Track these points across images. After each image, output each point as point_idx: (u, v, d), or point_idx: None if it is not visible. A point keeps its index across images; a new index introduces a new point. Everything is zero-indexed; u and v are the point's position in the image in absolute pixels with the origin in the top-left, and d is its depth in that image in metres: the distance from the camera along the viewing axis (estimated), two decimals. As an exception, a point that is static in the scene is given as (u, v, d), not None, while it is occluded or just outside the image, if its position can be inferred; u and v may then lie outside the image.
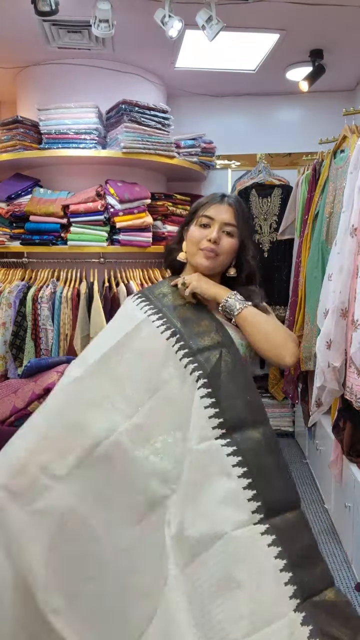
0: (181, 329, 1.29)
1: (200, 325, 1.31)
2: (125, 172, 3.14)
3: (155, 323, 1.31)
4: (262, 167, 3.73)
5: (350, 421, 2.32)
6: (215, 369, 1.23)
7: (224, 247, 1.36)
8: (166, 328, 1.29)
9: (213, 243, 1.34)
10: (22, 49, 3.05)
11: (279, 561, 1.06)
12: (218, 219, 1.35)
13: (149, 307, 1.36)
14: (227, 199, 1.39)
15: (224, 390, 1.20)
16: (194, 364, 1.23)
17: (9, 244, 3.05)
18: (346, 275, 2.08)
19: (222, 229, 1.35)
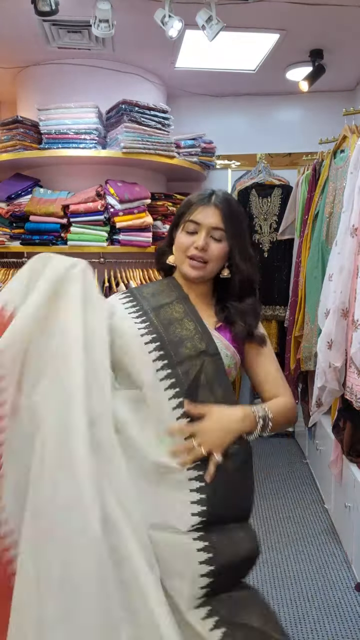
0: (163, 335, 1.21)
1: (184, 328, 1.24)
2: (125, 172, 3.14)
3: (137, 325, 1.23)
4: (262, 167, 3.73)
5: (350, 421, 2.32)
6: (193, 383, 1.17)
7: (212, 254, 1.26)
8: (147, 332, 1.21)
9: (201, 250, 1.25)
10: (22, 49, 3.05)
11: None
12: (205, 224, 1.26)
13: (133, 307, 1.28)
14: (215, 198, 1.27)
15: (199, 402, 1.15)
16: (171, 379, 1.16)
17: (9, 244, 3.05)
18: (347, 275, 2.09)
19: (210, 234, 1.26)
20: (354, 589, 2.17)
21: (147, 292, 1.33)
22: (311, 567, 2.32)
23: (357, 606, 2.07)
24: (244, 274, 1.30)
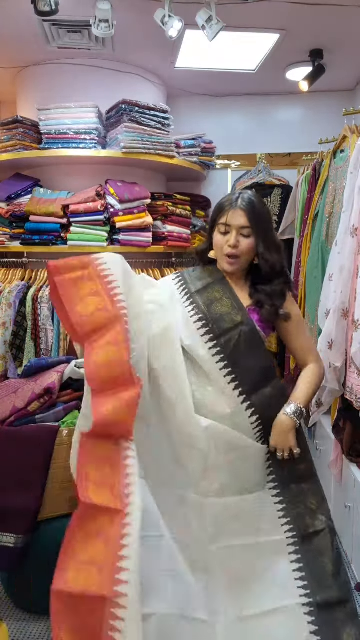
0: (207, 314, 1.54)
1: (224, 306, 1.56)
2: (125, 172, 3.14)
3: (186, 306, 1.58)
4: (262, 167, 3.73)
5: (350, 421, 2.32)
6: (235, 349, 1.51)
7: (242, 249, 1.56)
8: (195, 313, 1.55)
9: (233, 248, 1.55)
10: (22, 49, 3.05)
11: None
12: (234, 225, 1.55)
13: (184, 290, 1.63)
14: (241, 202, 1.55)
15: (242, 365, 1.50)
16: (216, 348, 1.51)
17: (9, 244, 3.05)
18: (347, 275, 2.09)
19: (239, 232, 1.55)
20: (354, 589, 2.16)
21: (195, 275, 1.67)
22: (311, 567, 2.32)
23: (358, 606, 2.07)
24: (269, 262, 1.58)
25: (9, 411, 2.06)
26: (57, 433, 1.99)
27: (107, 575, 1.04)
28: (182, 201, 3.34)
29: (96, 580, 1.05)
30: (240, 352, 1.51)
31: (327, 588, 1.40)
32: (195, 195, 3.67)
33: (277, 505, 1.51)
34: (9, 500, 1.91)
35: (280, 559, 1.44)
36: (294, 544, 1.46)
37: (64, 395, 2.16)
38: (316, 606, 1.36)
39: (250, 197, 1.57)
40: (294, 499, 1.51)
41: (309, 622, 1.34)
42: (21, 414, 2.05)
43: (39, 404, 2.07)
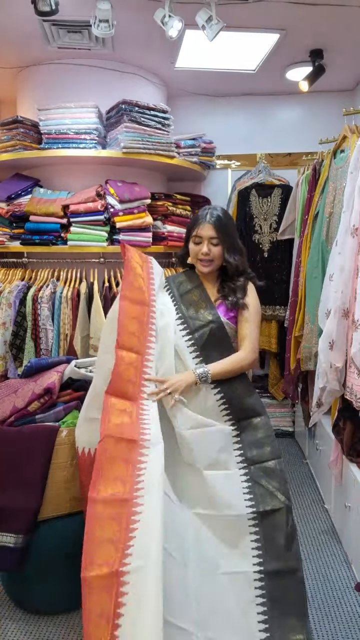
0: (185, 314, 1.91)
1: (199, 308, 1.92)
2: (125, 172, 3.14)
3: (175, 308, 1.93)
4: (262, 167, 3.73)
5: (350, 421, 2.32)
6: (205, 342, 1.86)
7: (214, 254, 1.91)
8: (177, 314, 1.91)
9: (205, 255, 1.91)
10: (22, 49, 3.05)
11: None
12: (205, 236, 1.89)
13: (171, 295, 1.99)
14: (209, 218, 1.90)
15: (207, 354, 1.85)
16: (190, 341, 1.86)
17: (9, 244, 3.05)
18: (347, 275, 2.09)
19: (210, 242, 1.90)
20: (354, 589, 2.17)
21: (178, 281, 2.03)
22: (311, 567, 2.32)
23: (357, 606, 2.07)
24: (234, 264, 1.93)
25: (9, 411, 2.06)
26: (57, 433, 1.99)
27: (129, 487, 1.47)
28: (182, 201, 3.34)
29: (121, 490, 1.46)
30: (209, 343, 1.86)
31: (279, 559, 1.65)
32: (195, 195, 3.67)
33: (243, 484, 1.73)
34: (9, 500, 1.91)
35: (242, 532, 1.68)
36: (254, 519, 1.69)
37: (64, 395, 2.16)
38: (266, 574, 1.63)
39: (217, 213, 1.92)
40: (259, 479, 1.74)
41: (257, 588, 1.62)
42: (21, 414, 2.05)
43: (39, 404, 2.07)
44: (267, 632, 1.56)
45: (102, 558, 1.40)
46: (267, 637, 1.55)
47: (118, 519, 1.42)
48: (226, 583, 1.62)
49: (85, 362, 2.28)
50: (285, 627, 1.57)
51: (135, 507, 1.44)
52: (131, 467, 1.50)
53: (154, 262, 1.97)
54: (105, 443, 1.52)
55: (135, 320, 1.75)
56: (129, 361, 1.68)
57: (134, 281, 1.83)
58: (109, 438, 1.53)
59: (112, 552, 1.40)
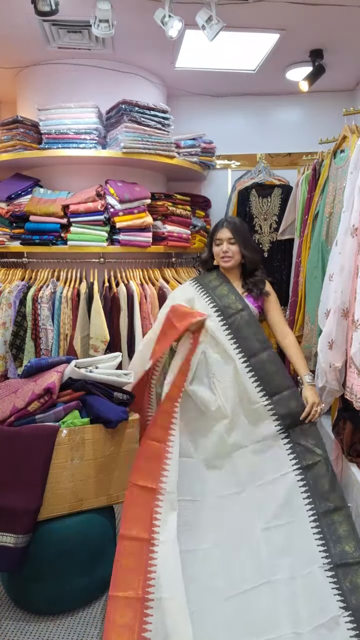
0: (219, 303, 2.27)
1: (230, 298, 2.28)
2: (125, 172, 3.14)
3: (205, 300, 2.30)
4: (262, 167, 3.73)
5: (350, 421, 2.32)
6: (238, 326, 2.20)
7: (232, 252, 2.32)
8: (212, 304, 2.28)
9: (225, 253, 2.31)
10: (22, 49, 3.05)
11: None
12: (224, 238, 2.31)
13: (203, 291, 2.34)
14: (226, 224, 2.33)
15: (242, 336, 2.18)
16: (225, 325, 2.21)
17: (9, 244, 3.05)
18: (347, 275, 2.09)
19: (228, 242, 2.31)
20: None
21: (207, 280, 2.39)
22: (311, 567, 2.32)
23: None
24: (249, 259, 2.35)
25: (9, 411, 2.06)
26: (57, 433, 1.99)
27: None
28: (182, 201, 3.34)
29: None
30: (242, 327, 2.20)
31: (326, 500, 1.96)
32: (195, 195, 3.67)
33: (285, 446, 2.07)
34: (9, 500, 1.91)
35: (291, 486, 1.99)
36: (300, 474, 2.01)
37: (64, 395, 2.16)
38: (320, 514, 1.93)
39: (233, 220, 2.39)
40: (297, 439, 2.07)
41: (313, 527, 1.90)
42: (21, 414, 2.05)
43: (39, 404, 2.07)
44: (326, 552, 1.84)
45: (126, 583, 1.71)
46: (326, 555, 1.83)
47: (139, 554, 1.79)
48: (286, 534, 1.92)
49: (85, 362, 2.28)
50: (341, 548, 1.85)
51: (152, 547, 1.79)
52: (149, 514, 1.86)
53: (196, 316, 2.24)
54: (131, 489, 1.93)
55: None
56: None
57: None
58: (133, 486, 1.93)
59: (134, 580, 1.72)
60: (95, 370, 2.25)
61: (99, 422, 2.10)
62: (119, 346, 2.95)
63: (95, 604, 2.10)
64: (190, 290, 2.38)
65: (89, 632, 1.94)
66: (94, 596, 2.12)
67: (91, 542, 2.03)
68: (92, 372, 2.22)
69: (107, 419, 2.08)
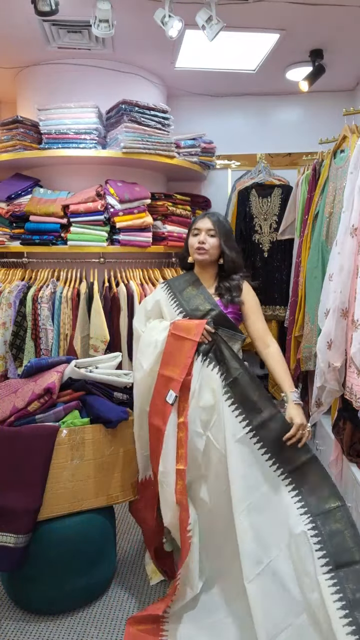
0: (186, 307, 2.05)
1: (198, 299, 2.05)
2: (125, 172, 3.14)
3: (172, 304, 2.09)
4: (262, 167, 3.73)
5: (350, 421, 2.32)
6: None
7: (209, 244, 2.05)
8: (177, 308, 2.07)
9: (201, 243, 2.04)
10: (22, 49, 3.05)
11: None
12: (203, 228, 2.06)
13: (171, 294, 2.12)
14: (208, 215, 2.09)
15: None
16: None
17: (9, 244, 3.05)
18: (346, 275, 2.09)
19: (207, 233, 2.05)
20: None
21: (177, 282, 2.15)
22: (311, 567, 2.32)
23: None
24: (229, 258, 2.07)
25: (9, 411, 2.06)
26: (57, 433, 1.99)
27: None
28: (182, 201, 3.34)
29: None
30: (215, 328, 1.97)
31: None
32: (195, 195, 3.67)
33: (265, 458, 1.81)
34: (9, 500, 1.91)
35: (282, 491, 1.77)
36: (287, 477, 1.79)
37: (64, 395, 2.16)
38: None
39: (216, 213, 2.13)
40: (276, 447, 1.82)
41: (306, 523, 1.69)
42: (21, 414, 2.05)
43: (39, 404, 2.07)
44: (304, 508, 1.71)
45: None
46: (305, 511, 1.70)
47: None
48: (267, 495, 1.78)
49: (85, 362, 2.28)
50: (320, 498, 1.72)
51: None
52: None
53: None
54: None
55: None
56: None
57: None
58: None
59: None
60: (95, 370, 2.25)
61: (99, 422, 2.10)
62: (119, 346, 2.95)
63: (95, 604, 2.09)
64: (158, 293, 2.17)
65: (89, 632, 1.94)
66: (94, 596, 2.11)
67: (91, 542, 2.03)
68: (92, 372, 2.22)
69: (107, 419, 2.08)
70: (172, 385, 1.92)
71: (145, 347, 2.08)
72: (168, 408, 1.92)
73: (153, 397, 2.03)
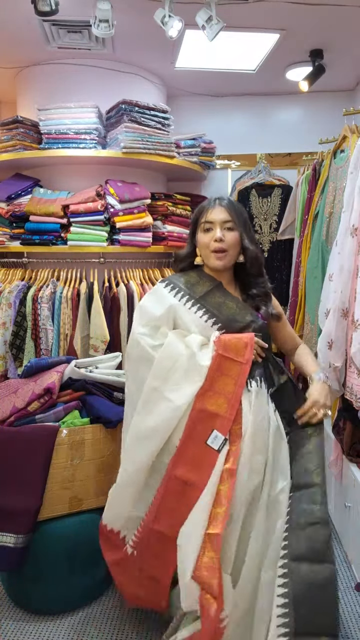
0: (220, 316, 1.63)
1: (230, 308, 1.64)
2: (125, 172, 3.14)
3: (195, 311, 1.65)
4: (262, 167, 3.73)
5: (350, 421, 2.32)
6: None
7: (229, 242, 1.62)
8: (209, 317, 1.64)
9: (219, 241, 1.61)
10: (22, 49, 3.05)
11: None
12: (217, 220, 1.62)
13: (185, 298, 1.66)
14: (219, 201, 1.65)
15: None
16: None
17: (9, 244, 3.05)
18: (347, 275, 2.09)
19: (223, 226, 1.62)
20: (354, 589, 2.17)
21: (189, 282, 1.69)
22: (311, 567, 2.32)
23: (357, 606, 2.07)
24: (253, 254, 1.66)
25: (9, 411, 2.06)
26: (57, 433, 1.99)
27: None
28: (182, 201, 3.34)
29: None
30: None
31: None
32: (195, 195, 3.67)
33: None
34: (9, 500, 1.91)
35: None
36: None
37: (64, 395, 2.16)
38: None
39: (227, 197, 1.70)
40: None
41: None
42: (21, 414, 2.05)
43: (39, 404, 2.07)
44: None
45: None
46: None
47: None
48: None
49: (85, 362, 2.28)
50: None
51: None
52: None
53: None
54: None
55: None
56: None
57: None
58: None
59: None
60: (95, 370, 2.25)
61: (99, 422, 2.10)
62: (119, 346, 2.95)
63: (95, 604, 2.10)
64: (168, 296, 1.67)
65: (89, 632, 1.94)
66: (94, 596, 2.12)
67: (91, 542, 2.03)
68: (92, 372, 2.22)
69: (107, 419, 2.08)
70: (217, 423, 1.48)
71: (172, 372, 1.53)
72: (212, 456, 1.47)
73: (183, 440, 1.51)
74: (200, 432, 1.49)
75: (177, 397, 1.51)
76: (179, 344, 1.58)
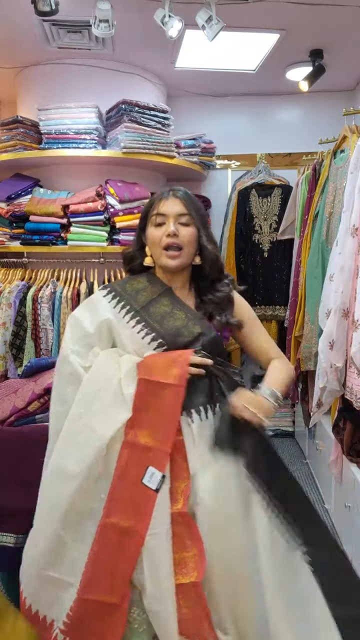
0: (160, 331, 1.36)
1: (177, 318, 1.37)
2: (125, 172, 3.14)
3: (132, 326, 1.38)
4: (262, 167, 3.73)
5: (350, 421, 2.32)
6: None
7: (184, 238, 1.37)
8: (146, 333, 1.36)
9: (173, 236, 1.36)
10: (22, 49, 3.05)
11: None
12: (171, 213, 1.38)
13: (124, 309, 1.40)
14: (173, 192, 1.41)
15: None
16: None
17: (9, 244, 3.05)
18: (347, 275, 2.09)
19: (177, 220, 1.38)
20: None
21: (131, 289, 1.43)
22: (311, 567, 2.32)
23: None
24: (212, 255, 1.41)
25: (9, 411, 2.06)
26: (57, 433, 1.99)
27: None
28: (182, 201, 3.34)
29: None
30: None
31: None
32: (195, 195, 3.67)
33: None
34: (9, 500, 1.91)
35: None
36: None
37: (64, 395, 2.16)
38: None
39: (183, 188, 1.44)
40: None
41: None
42: (21, 414, 2.05)
43: (39, 404, 2.07)
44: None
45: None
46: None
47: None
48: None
49: (85, 362, 2.28)
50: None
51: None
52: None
53: None
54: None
55: None
56: None
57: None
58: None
59: None
60: (95, 370, 2.24)
61: (99, 422, 2.09)
62: (119, 346, 2.95)
63: (95, 604, 2.09)
64: (104, 308, 1.41)
65: (89, 632, 1.93)
66: (94, 596, 2.11)
67: (91, 542, 2.03)
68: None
69: (107, 419, 2.08)
70: (152, 458, 1.25)
71: (97, 400, 1.31)
72: (149, 496, 1.24)
73: (116, 480, 1.27)
74: (134, 470, 1.26)
75: (103, 428, 1.28)
76: (107, 368, 1.34)
